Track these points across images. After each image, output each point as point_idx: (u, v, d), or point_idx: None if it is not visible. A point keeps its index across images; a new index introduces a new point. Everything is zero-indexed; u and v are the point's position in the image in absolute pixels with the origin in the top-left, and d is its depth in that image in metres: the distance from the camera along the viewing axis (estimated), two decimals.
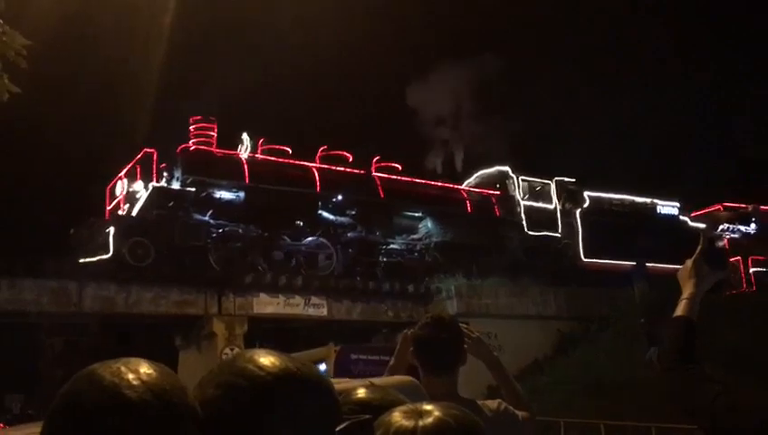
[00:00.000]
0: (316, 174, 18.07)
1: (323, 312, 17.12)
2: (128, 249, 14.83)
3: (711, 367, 1.87)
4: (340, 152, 19.23)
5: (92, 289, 14.70)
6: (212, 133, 17.27)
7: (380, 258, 18.60)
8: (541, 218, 20.93)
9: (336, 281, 17.19)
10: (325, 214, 18.00)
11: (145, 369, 0.94)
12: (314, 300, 16.95)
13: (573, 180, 22.12)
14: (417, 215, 19.66)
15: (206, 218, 16.29)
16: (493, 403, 2.62)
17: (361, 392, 1.37)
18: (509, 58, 34.53)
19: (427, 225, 19.58)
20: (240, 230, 16.55)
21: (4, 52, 5.88)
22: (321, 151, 19.04)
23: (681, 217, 23.67)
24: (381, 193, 18.84)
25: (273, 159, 17.88)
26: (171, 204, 15.85)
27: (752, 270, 21.83)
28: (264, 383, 1.01)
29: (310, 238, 17.57)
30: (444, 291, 18.40)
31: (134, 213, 15.88)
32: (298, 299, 16.75)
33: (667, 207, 23.80)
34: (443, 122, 25.64)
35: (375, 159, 19.75)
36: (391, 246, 19.03)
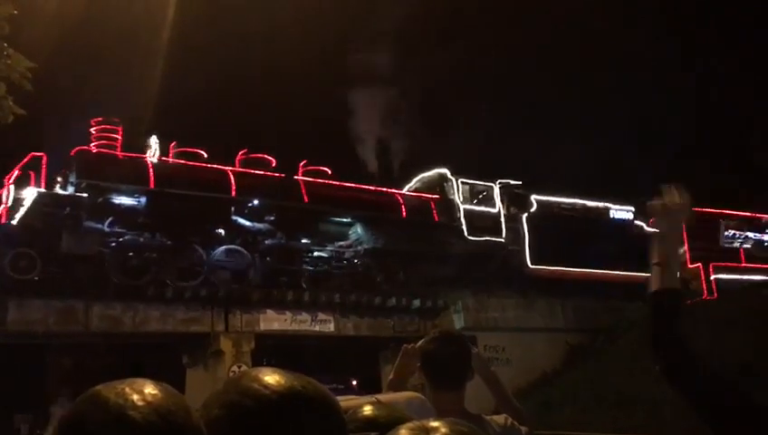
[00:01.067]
0: (232, 178, 16.81)
1: (330, 328, 17.08)
2: (9, 261, 13.84)
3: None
4: (262, 155, 17.94)
5: (99, 308, 14.69)
6: (116, 136, 16.06)
7: (305, 267, 17.39)
8: (483, 223, 19.67)
9: (342, 297, 17.14)
10: (241, 220, 16.74)
11: (150, 389, 0.94)
12: (321, 316, 16.91)
13: (519, 183, 20.90)
14: (346, 221, 18.32)
15: (101, 226, 15.06)
16: (500, 418, 2.61)
17: (368, 410, 1.36)
18: (453, 58, 33.42)
19: (357, 231, 18.27)
20: (141, 239, 15.37)
21: (8, 74, 5.93)
22: (242, 155, 17.86)
23: (636, 223, 22.37)
24: (306, 198, 17.53)
25: (183, 162, 16.65)
26: (67, 211, 14.69)
27: (713, 277, 21.13)
28: (270, 402, 1.00)
29: (224, 247, 16.36)
30: (451, 305, 18.35)
31: (14, 221, 14.63)
32: (305, 315, 16.71)
33: (621, 212, 22.57)
34: (381, 126, 24.35)
35: (302, 163, 18.63)
36: (317, 253, 17.79)
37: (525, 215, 20.25)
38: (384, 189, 19.59)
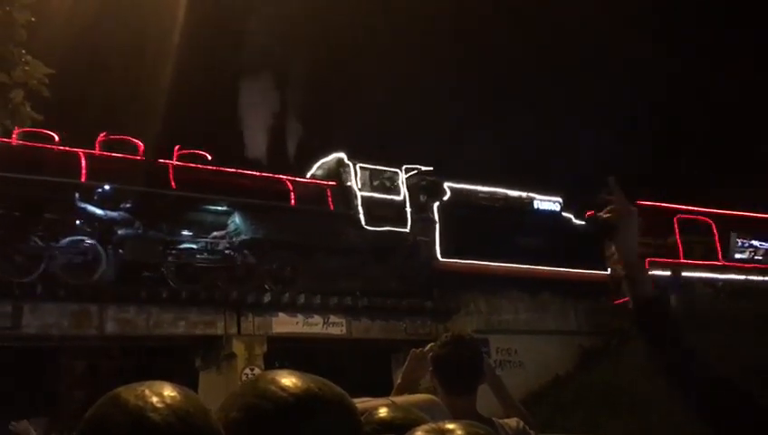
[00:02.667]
0: (83, 161, 14.99)
1: (342, 330, 17.09)
2: None
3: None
4: (124, 137, 15.98)
5: (113, 311, 14.76)
6: None
7: (169, 260, 15.61)
8: (385, 212, 17.83)
9: (354, 299, 17.14)
10: (91, 208, 14.91)
11: (169, 392, 0.95)
12: (333, 319, 16.92)
13: (431, 169, 19.12)
14: (222, 209, 16.46)
15: None
16: (512, 422, 2.61)
17: (383, 412, 1.37)
18: (356, 38, 30.07)
19: (236, 220, 16.51)
20: None
21: (26, 81, 5.98)
22: (102, 136, 15.80)
23: (564, 215, 20.90)
24: (173, 183, 15.78)
25: (25, 143, 14.62)
26: None
27: (650, 274, 20.66)
28: (287, 404, 1.01)
29: (69, 238, 14.70)
30: (463, 307, 18.31)
31: None
32: (317, 318, 16.73)
33: (547, 203, 20.93)
34: (272, 109, 22.65)
35: (177, 148, 16.76)
36: (184, 245, 15.95)
37: (437, 204, 18.62)
38: (269, 175, 17.62)
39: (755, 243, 23.57)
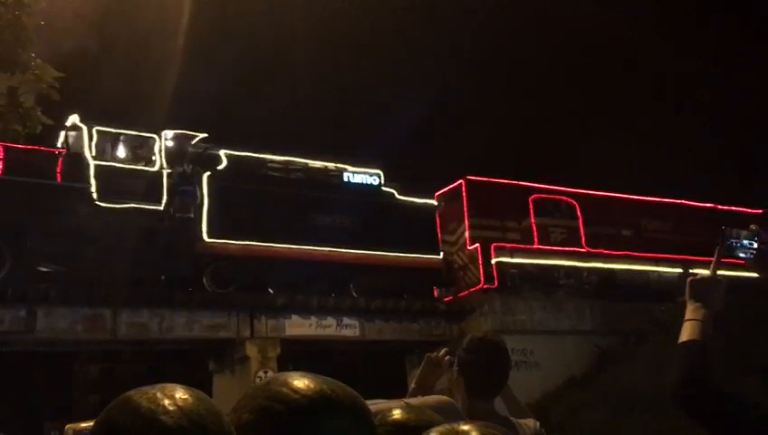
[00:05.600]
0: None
1: (356, 332, 17.09)
2: None
3: None
4: None
5: (126, 315, 14.83)
6: None
7: None
8: (131, 185, 14.81)
9: (368, 301, 17.14)
10: None
11: (181, 394, 0.94)
12: (346, 320, 16.93)
13: (204, 135, 16.08)
14: None
15: None
16: (530, 422, 2.60)
17: (397, 414, 1.36)
18: None
19: None
20: None
21: (36, 85, 6.03)
22: None
23: (385, 189, 17.85)
24: None
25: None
26: None
27: (494, 260, 18.14)
28: (300, 406, 1.00)
29: None
30: (478, 308, 18.23)
31: None
32: (330, 320, 16.74)
33: (362, 175, 17.73)
34: None
35: None
36: None
37: (207, 174, 15.51)
38: None
39: (746, 242, 22.90)
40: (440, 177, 20.52)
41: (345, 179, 17.56)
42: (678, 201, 22.82)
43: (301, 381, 1.04)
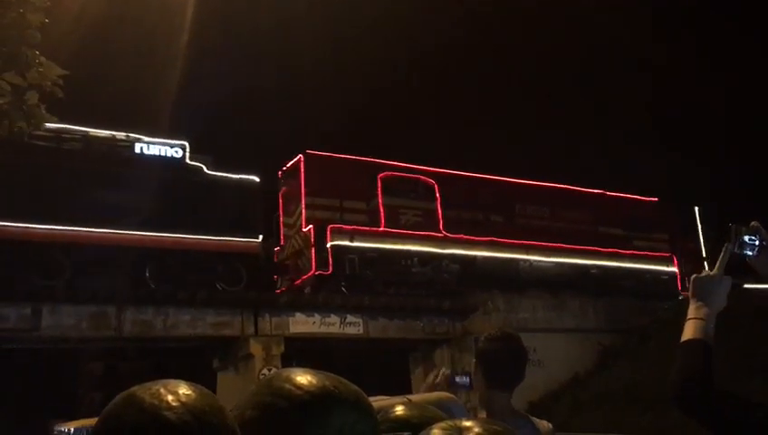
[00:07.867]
0: None
1: (359, 330, 17.09)
2: None
3: None
4: None
5: (131, 313, 14.85)
6: None
7: None
8: None
9: (371, 299, 17.14)
10: None
11: (184, 390, 0.95)
12: (350, 318, 16.93)
13: None
14: None
15: None
16: (544, 423, 2.64)
17: (400, 410, 1.36)
18: None
19: None
20: None
21: (40, 82, 6.03)
22: None
23: (191, 164, 15.67)
24: None
25: None
26: None
27: (330, 244, 16.52)
28: (303, 403, 1.01)
29: None
30: (481, 306, 18.22)
31: None
32: (334, 318, 16.74)
33: (160, 147, 15.43)
34: None
35: None
36: None
37: None
38: None
39: (746, 238, 22.53)
40: (285, 154, 18.43)
41: (137, 151, 15.21)
42: (560, 186, 20.90)
43: (304, 378, 1.05)
